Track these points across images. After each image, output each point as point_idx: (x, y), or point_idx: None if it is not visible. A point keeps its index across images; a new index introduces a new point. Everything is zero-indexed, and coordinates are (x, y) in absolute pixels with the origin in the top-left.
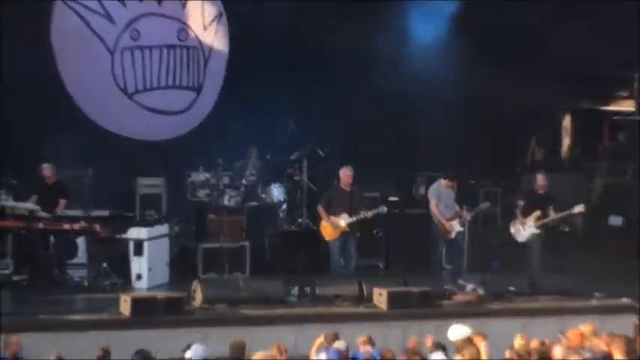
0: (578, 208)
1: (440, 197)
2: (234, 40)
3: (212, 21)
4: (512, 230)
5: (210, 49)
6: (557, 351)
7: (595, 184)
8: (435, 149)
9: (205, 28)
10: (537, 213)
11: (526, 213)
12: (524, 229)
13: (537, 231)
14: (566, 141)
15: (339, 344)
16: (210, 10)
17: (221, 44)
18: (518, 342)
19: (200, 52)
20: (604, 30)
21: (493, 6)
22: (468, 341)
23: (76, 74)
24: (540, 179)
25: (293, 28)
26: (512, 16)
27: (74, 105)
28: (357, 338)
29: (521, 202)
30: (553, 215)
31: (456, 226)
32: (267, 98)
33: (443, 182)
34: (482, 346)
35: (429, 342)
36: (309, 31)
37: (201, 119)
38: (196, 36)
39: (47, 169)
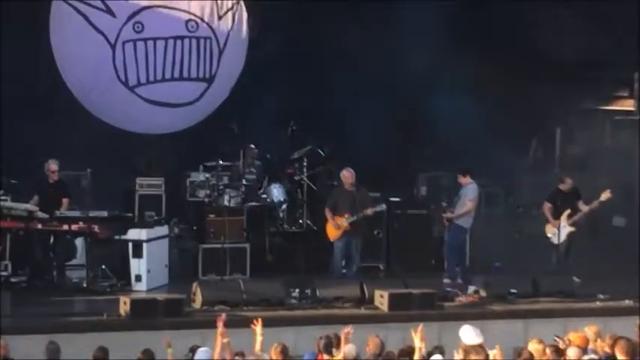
0: (605, 195)
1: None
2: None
3: (228, 10)
4: (549, 235)
5: (227, 38)
6: (570, 352)
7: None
8: (436, 149)
9: (220, 18)
10: (568, 211)
11: (557, 215)
12: (561, 231)
13: (572, 229)
14: (567, 141)
15: (349, 349)
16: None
17: (239, 33)
18: (534, 347)
19: (214, 42)
20: (604, 29)
21: (494, 6)
22: (479, 348)
23: (76, 69)
24: (567, 182)
25: (293, 27)
26: (513, 16)
27: (73, 103)
28: (369, 340)
29: (548, 205)
30: (583, 210)
31: None
32: (268, 98)
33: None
34: (491, 354)
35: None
36: (309, 31)
37: (214, 109)
38: (209, 26)
39: (53, 164)
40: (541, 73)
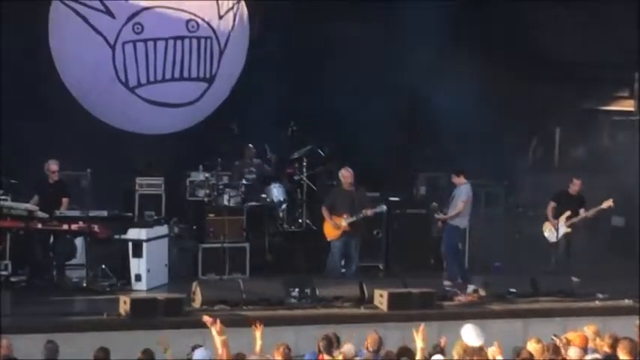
0: (607, 203)
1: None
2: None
3: (229, 10)
4: (545, 234)
5: (228, 38)
6: (572, 352)
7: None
8: (436, 149)
9: (221, 17)
10: (567, 213)
11: (557, 215)
12: (557, 231)
13: (569, 230)
14: (566, 141)
15: (348, 348)
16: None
17: (239, 33)
18: (532, 346)
19: (214, 42)
20: (604, 30)
21: (494, 6)
22: (479, 350)
23: (74, 70)
24: (576, 182)
25: (294, 27)
26: (513, 16)
27: (73, 103)
28: (369, 336)
29: (553, 204)
30: (583, 214)
31: None
32: (268, 98)
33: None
34: (489, 351)
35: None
36: (309, 30)
37: (214, 109)
38: (210, 26)
39: (54, 164)
40: (541, 73)
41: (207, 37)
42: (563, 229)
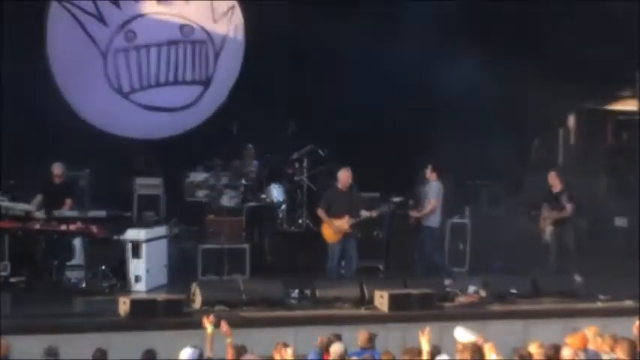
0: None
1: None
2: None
3: (224, 14)
4: (543, 235)
5: (223, 41)
6: (566, 353)
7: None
8: (436, 150)
9: (216, 22)
10: (545, 214)
11: (544, 213)
12: (546, 230)
13: (552, 227)
14: (569, 141)
15: (336, 347)
16: (222, 3)
17: (235, 36)
18: (534, 350)
19: (210, 45)
20: (606, 29)
21: (495, 6)
22: (475, 348)
23: (70, 76)
24: (551, 177)
25: (293, 27)
26: (515, 16)
27: (71, 107)
28: (359, 334)
29: (545, 207)
30: (567, 204)
31: None
32: (268, 98)
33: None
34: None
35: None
36: (309, 31)
37: (212, 112)
38: (204, 30)
39: (58, 168)
40: (543, 73)
41: (201, 41)
42: (549, 229)
